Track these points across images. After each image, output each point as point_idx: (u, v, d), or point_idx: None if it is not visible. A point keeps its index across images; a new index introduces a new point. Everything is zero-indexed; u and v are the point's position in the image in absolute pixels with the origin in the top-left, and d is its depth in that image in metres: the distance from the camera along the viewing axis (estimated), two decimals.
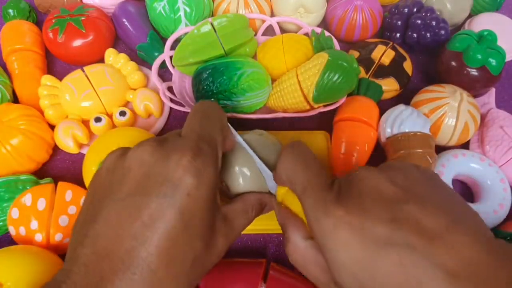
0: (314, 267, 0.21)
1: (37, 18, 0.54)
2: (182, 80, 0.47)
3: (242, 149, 0.27)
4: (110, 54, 0.46)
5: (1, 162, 0.38)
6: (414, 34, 0.48)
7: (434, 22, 0.47)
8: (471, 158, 0.41)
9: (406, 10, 0.49)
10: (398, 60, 0.46)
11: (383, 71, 0.46)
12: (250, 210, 0.26)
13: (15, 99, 0.46)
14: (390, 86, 0.45)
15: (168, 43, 0.46)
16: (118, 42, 0.53)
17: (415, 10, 0.49)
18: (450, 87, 0.42)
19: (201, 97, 0.42)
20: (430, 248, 0.16)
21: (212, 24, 0.44)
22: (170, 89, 0.45)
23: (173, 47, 0.46)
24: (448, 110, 0.40)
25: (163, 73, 0.49)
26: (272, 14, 0.52)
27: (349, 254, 0.18)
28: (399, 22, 0.49)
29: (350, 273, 0.18)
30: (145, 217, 0.19)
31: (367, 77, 0.46)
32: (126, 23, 0.49)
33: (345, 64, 0.38)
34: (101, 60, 0.49)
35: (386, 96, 0.46)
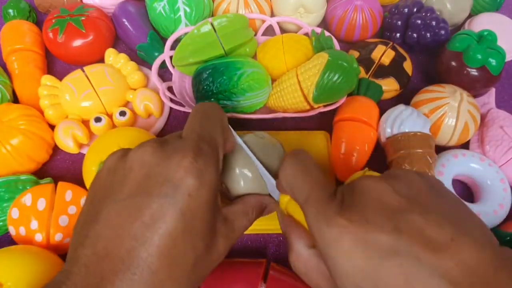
0: (316, 276, 0.21)
1: (37, 18, 0.54)
2: (182, 80, 0.47)
3: (243, 150, 0.27)
4: (110, 54, 0.46)
5: (1, 162, 0.38)
6: (414, 34, 0.48)
7: (434, 22, 0.47)
8: (471, 158, 0.41)
9: (406, 10, 0.49)
10: (398, 60, 0.46)
11: (383, 71, 0.46)
12: (250, 212, 0.26)
13: (15, 99, 0.46)
14: (390, 86, 0.45)
15: (168, 43, 0.46)
16: (118, 42, 0.53)
17: (415, 10, 0.49)
18: (450, 87, 0.42)
19: (201, 97, 0.42)
20: (434, 258, 0.16)
21: (212, 24, 0.44)
22: (170, 89, 0.45)
23: (173, 47, 0.46)
24: (448, 110, 0.40)
25: (163, 73, 0.49)
26: (272, 14, 0.52)
27: (352, 264, 0.18)
28: (399, 22, 0.49)
29: (353, 282, 0.18)
30: (145, 217, 0.19)
31: (367, 77, 0.46)
32: (126, 23, 0.49)
33: (345, 64, 0.38)
34: (101, 60, 0.49)
35: (386, 96, 0.46)
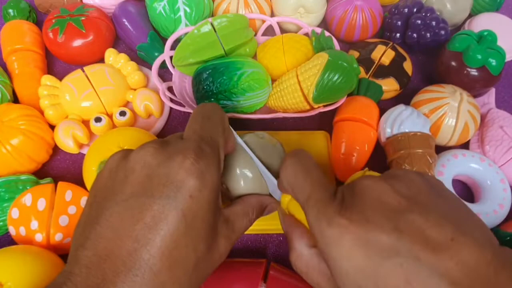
0: (317, 275, 0.21)
1: (37, 18, 0.54)
2: (182, 80, 0.47)
3: (243, 150, 0.27)
4: (110, 54, 0.46)
5: (1, 162, 0.38)
6: (414, 34, 0.48)
7: (434, 22, 0.47)
8: (471, 158, 0.41)
9: (406, 10, 0.49)
10: (398, 60, 0.46)
11: (383, 71, 0.46)
12: (251, 212, 0.26)
13: (15, 99, 0.46)
14: (390, 86, 0.45)
15: (168, 43, 0.46)
16: (118, 42, 0.53)
17: (415, 10, 0.49)
18: (450, 87, 0.42)
19: (201, 97, 0.42)
20: (434, 258, 0.16)
21: (212, 24, 0.44)
22: (170, 89, 0.45)
23: (173, 47, 0.46)
24: (448, 110, 0.40)
25: (163, 73, 0.49)
26: (272, 14, 0.52)
27: (352, 263, 0.18)
28: (399, 22, 0.49)
29: (354, 282, 0.18)
30: (147, 218, 0.19)
31: (367, 77, 0.46)
32: (126, 23, 0.49)
33: (345, 64, 0.38)
34: (101, 60, 0.49)
35: (386, 96, 0.46)
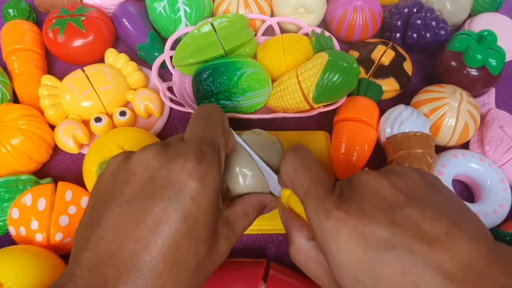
0: (316, 267, 0.22)
1: (37, 18, 0.54)
2: (182, 80, 0.47)
3: (242, 150, 0.27)
4: (110, 54, 0.46)
5: (1, 162, 0.38)
6: (414, 34, 0.48)
7: (434, 22, 0.47)
8: (471, 158, 0.41)
9: (406, 10, 0.49)
10: (398, 60, 0.46)
11: (383, 71, 0.46)
12: (251, 211, 0.26)
13: (15, 99, 0.46)
14: (390, 86, 0.45)
15: (168, 43, 0.46)
16: (118, 42, 0.53)
17: (415, 10, 0.49)
18: (450, 87, 0.42)
19: (201, 97, 0.42)
20: (429, 252, 0.16)
21: (212, 24, 0.44)
22: (170, 89, 0.45)
23: (173, 47, 0.46)
24: (448, 110, 0.40)
25: (163, 73, 0.49)
26: (272, 14, 0.52)
27: (349, 256, 0.18)
28: (399, 22, 0.49)
29: (351, 274, 0.18)
30: (148, 221, 0.19)
31: (367, 77, 0.46)
32: (126, 23, 0.49)
33: (345, 64, 0.38)
34: (101, 60, 0.49)
35: (386, 96, 0.46)
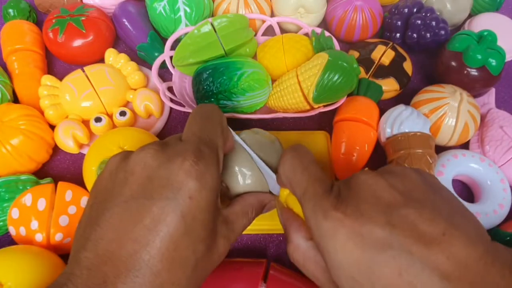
0: (314, 267, 0.22)
1: (37, 18, 0.54)
2: (182, 80, 0.47)
3: (241, 149, 0.27)
4: (110, 54, 0.46)
5: (1, 162, 0.38)
6: (414, 34, 0.48)
7: (434, 22, 0.47)
8: (471, 158, 0.41)
9: (406, 10, 0.49)
10: (398, 60, 0.46)
11: (383, 71, 0.46)
12: (250, 211, 0.26)
13: (15, 99, 0.46)
14: (390, 86, 0.45)
15: (168, 43, 0.46)
16: (118, 42, 0.53)
17: (415, 10, 0.49)
18: (450, 87, 0.42)
19: (201, 97, 0.42)
20: (426, 252, 0.16)
21: (212, 24, 0.44)
22: (170, 89, 0.45)
23: (173, 47, 0.46)
24: (448, 110, 0.40)
25: (163, 73, 0.49)
26: (272, 14, 0.52)
27: (346, 257, 0.18)
28: (399, 22, 0.49)
29: (348, 274, 0.18)
30: (147, 220, 0.19)
31: (367, 77, 0.46)
32: (126, 23, 0.49)
33: (345, 64, 0.38)
34: (101, 60, 0.49)
35: (386, 96, 0.46)
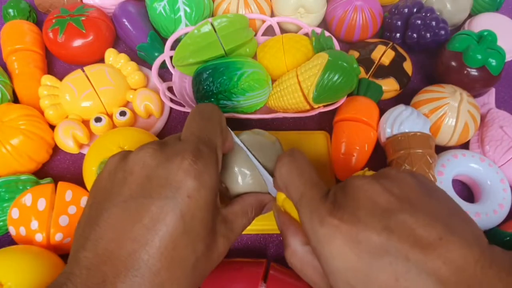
0: (312, 272, 0.22)
1: (37, 18, 0.54)
2: (182, 80, 0.47)
3: (241, 149, 0.27)
4: (110, 54, 0.46)
5: (1, 162, 0.38)
6: (414, 34, 0.48)
7: (434, 22, 0.47)
8: (471, 158, 0.41)
9: (406, 10, 0.49)
10: (398, 60, 0.46)
11: (383, 71, 0.46)
12: (249, 211, 0.26)
13: (15, 99, 0.46)
14: (390, 86, 0.45)
15: (168, 43, 0.46)
16: (118, 42, 0.53)
17: (415, 10, 0.49)
18: (450, 87, 0.42)
19: (201, 97, 0.42)
20: (423, 257, 0.16)
21: (212, 24, 0.44)
22: (170, 89, 0.45)
23: (173, 47, 0.46)
24: (448, 110, 0.40)
25: (163, 73, 0.49)
26: (272, 14, 0.52)
27: (343, 262, 0.18)
28: (399, 22, 0.49)
29: (345, 280, 0.18)
30: (146, 219, 0.19)
31: (367, 77, 0.46)
32: (126, 23, 0.49)
33: (345, 64, 0.38)
34: (101, 60, 0.49)
35: (386, 96, 0.46)
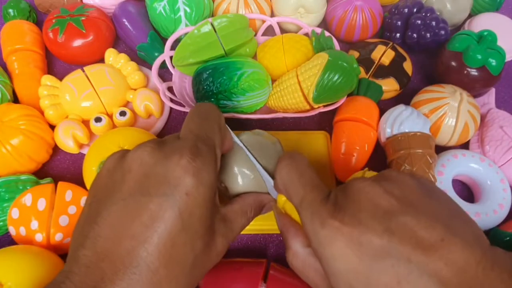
0: (313, 274, 0.22)
1: (37, 18, 0.54)
2: (182, 80, 0.47)
3: (240, 149, 0.27)
4: (110, 54, 0.46)
5: (1, 162, 0.38)
6: (414, 34, 0.48)
7: (434, 22, 0.47)
8: (471, 158, 0.41)
9: (406, 10, 0.49)
10: (398, 60, 0.46)
11: (383, 71, 0.46)
12: (249, 210, 0.26)
13: (15, 99, 0.46)
14: (390, 86, 0.45)
15: (168, 43, 0.46)
16: (118, 42, 0.53)
17: (415, 10, 0.49)
18: (450, 87, 0.42)
19: (201, 97, 0.42)
20: (424, 259, 0.16)
21: (212, 24, 0.44)
22: (170, 89, 0.45)
23: (173, 47, 0.46)
24: (448, 110, 0.40)
25: (163, 73, 0.49)
26: (272, 14, 0.52)
27: (344, 264, 0.18)
28: (399, 22, 0.49)
29: (346, 282, 0.18)
30: (144, 217, 0.19)
31: (367, 77, 0.46)
32: (126, 23, 0.49)
33: (345, 64, 0.38)
34: (101, 60, 0.49)
35: (386, 96, 0.46)
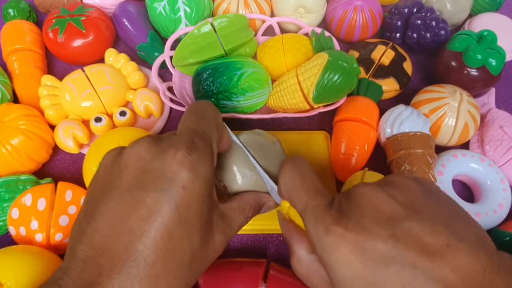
0: (317, 280, 0.22)
1: (37, 18, 0.54)
2: (182, 80, 0.47)
3: (240, 149, 0.27)
4: (110, 54, 0.46)
5: (1, 162, 0.38)
6: (414, 34, 0.48)
7: (434, 22, 0.47)
8: (471, 158, 0.41)
9: (406, 10, 0.49)
10: (398, 60, 0.46)
11: (383, 71, 0.46)
12: (247, 208, 0.26)
13: (15, 99, 0.46)
14: (390, 86, 0.45)
15: (168, 43, 0.46)
16: (118, 42, 0.53)
17: (415, 10, 0.49)
18: (450, 87, 0.42)
19: (201, 97, 0.42)
20: (430, 265, 0.16)
21: (212, 24, 0.44)
22: (170, 89, 0.45)
23: (173, 47, 0.46)
24: (448, 110, 0.40)
25: (163, 73, 0.49)
26: (272, 14, 0.52)
27: (349, 271, 0.18)
28: (399, 22, 0.49)
29: None
30: (141, 211, 0.19)
31: (367, 77, 0.46)
32: (126, 23, 0.49)
33: (345, 64, 0.38)
34: (101, 60, 0.49)
35: (386, 96, 0.46)
